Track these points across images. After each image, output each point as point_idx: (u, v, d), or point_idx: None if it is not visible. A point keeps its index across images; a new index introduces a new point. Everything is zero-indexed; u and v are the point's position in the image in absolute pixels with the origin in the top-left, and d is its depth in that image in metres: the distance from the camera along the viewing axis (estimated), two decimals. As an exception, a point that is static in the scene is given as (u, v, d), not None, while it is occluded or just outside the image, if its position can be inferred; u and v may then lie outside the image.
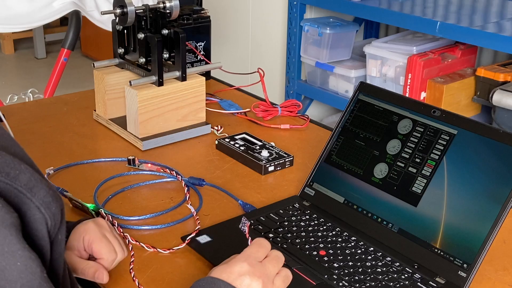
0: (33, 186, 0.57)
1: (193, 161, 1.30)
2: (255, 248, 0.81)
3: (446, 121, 0.99)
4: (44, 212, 0.57)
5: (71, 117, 1.49)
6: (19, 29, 2.25)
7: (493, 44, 2.01)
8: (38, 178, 0.58)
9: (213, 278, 0.75)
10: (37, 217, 0.57)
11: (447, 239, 0.93)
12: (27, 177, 0.57)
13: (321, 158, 1.13)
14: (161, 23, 1.33)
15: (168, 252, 0.98)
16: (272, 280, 0.79)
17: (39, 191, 0.57)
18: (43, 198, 0.57)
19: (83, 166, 1.25)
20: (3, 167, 0.56)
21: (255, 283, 0.76)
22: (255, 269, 0.77)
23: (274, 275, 0.80)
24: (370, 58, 2.39)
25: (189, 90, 1.37)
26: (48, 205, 0.58)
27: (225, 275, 0.76)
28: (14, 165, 0.57)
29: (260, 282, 0.76)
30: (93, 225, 0.90)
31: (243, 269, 0.76)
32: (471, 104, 2.25)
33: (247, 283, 0.75)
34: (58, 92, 2.50)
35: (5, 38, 4.71)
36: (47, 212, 0.57)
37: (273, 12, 2.76)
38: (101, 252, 0.88)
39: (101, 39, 4.35)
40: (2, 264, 0.53)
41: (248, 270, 0.76)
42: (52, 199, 0.58)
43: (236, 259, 0.78)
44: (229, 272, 0.76)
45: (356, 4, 2.34)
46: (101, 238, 0.88)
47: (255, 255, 0.79)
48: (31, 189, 0.57)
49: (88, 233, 0.88)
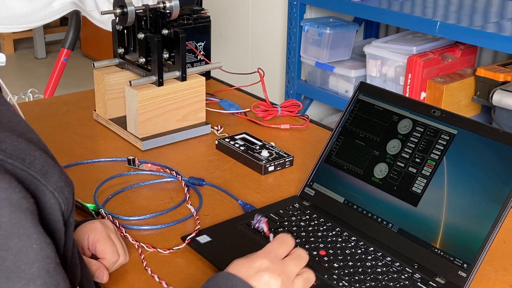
0: (47, 172, 0.58)
1: (193, 161, 1.30)
2: (277, 244, 0.79)
3: (446, 121, 0.99)
4: (58, 196, 0.59)
5: (71, 117, 1.49)
6: (19, 29, 2.25)
7: (493, 44, 2.01)
8: (51, 164, 0.59)
9: (230, 274, 0.74)
10: (52, 202, 0.58)
11: (447, 239, 0.93)
12: (41, 163, 0.58)
13: (321, 158, 1.13)
14: (161, 23, 1.33)
15: (168, 252, 0.98)
16: (293, 280, 0.76)
17: (52, 176, 0.59)
18: (57, 183, 0.59)
19: (83, 166, 1.25)
20: (19, 154, 0.57)
21: (273, 280, 0.74)
22: (275, 266, 0.75)
23: (294, 274, 0.77)
24: (370, 58, 2.39)
25: (189, 90, 1.37)
26: (61, 189, 0.59)
27: (244, 270, 0.74)
28: (29, 152, 0.58)
29: (279, 281, 0.74)
30: (100, 225, 0.90)
31: (263, 265, 0.75)
32: (471, 104, 2.25)
33: (265, 280, 0.74)
34: (58, 92, 2.50)
35: (5, 38, 4.71)
36: (61, 196, 0.59)
37: (273, 12, 2.76)
38: (104, 252, 0.88)
39: (101, 39, 4.36)
40: (18, 246, 0.54)
41: (267, 267, 0.74)
42: (65, 184, 0.60)
43: (257, 254, 0.77)
44: (248, 267, 0.75)
45: (356, 4, 2.34)
46: (106, 238, 0.88)
47: (276, 251, 0.77)
48: (45, 174, 0.58)
49: (94, 232, 0.88)
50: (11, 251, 0.54)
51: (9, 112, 0.63)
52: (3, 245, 0.54)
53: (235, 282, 0.73)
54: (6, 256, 0.54)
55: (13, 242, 0.54)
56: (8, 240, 0.54)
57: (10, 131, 0.59)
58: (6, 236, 0.54)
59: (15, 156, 0.56)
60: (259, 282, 0.74)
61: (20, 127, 0.61)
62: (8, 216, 0.54)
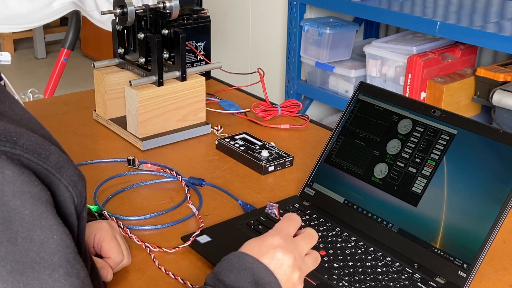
0: (62, 166, 0.59)
1: (193, 161, 1.30)
2: (286, 222, 0.80)
3: (446, 121, 0.99)
4: (71, 191, 0.60)
5: (71, 117, 1.49)
6: (19, 29, 2.25)
7: (493, 44, 2.01)
8: (65, 158, 0.60)
9: (242, 253, 0.75)
10: (66, 196, 0.60)
11: (447, 239, 0.93)
12: (56, 158, 0.59)
13: (321, 158, 1.13)
14: (161, 23, 1.33)
15: (169, 252, 0.98)
16: (303, 258, 0.78)
17: (67, 170, 0.60)
18: (71, 177, 0.60)
19: (83, 166, 1.25)
20: (35, 149, 0.58)
21: (286, 257, 0.75)
22: (287, 244, 0.76)
23: (305, 252, 0.79)
24: (370, 58, 2.39)
25: (189, 90, 1.37)
26: (75, 183, 0.60)
27: (256, 248, 0.75)
28: (44, 147, 0.59)
29: (292, 258, 0.75)
30: (106, 225, 0.91)
31: (275, 243, 0.76)
32: (471, 104, 2.25)
33: (278, 257, 0.75)
34: (58, 92, 2.50)
35: (5, 38, 4.71)
36: (75, 190, 0.60)
37: (273, 12, 2.76)
38: (109, 252, 0.88)
39: (101, 39, 4.36)
40: (41, 237, 0.55)
41: (280, 244, 0.76)
42: (78, 178, 0.61)
43: (268, 233, 0.78)
44: (261, 245, 0.76)
45: (356, 4, 2.34)
46: (112, 238, 0.89)
47: (287, 229, 0.79)
48: (60, 169, 0.59)
49: (100, 232, 0.89)
50: (34, 243, 0.55)
51: (19, 109, 0.64)
52: (27, 237, 0.55)
53: (247, 260, 0.74)
54: (30, 248, 0.55)
55: (36, 233, 0.55)
56: (32, 232, 0.55)
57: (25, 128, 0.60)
58: (29, 228, 0.55)
59: (31, 151, 0.57)
60: (272, 259, 0.75)
61: (32, 124, 0.62)
62: (30, 208, 0.55)
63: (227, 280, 0.73)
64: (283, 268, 0.75)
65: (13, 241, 0.54)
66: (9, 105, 0.63)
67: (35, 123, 0.64)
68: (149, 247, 0.98)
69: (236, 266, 0.74)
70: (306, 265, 0.78)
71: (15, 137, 0.57)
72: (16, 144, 0.56)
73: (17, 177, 0.55)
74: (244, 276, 0.73)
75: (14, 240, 0.54)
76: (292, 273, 0.75)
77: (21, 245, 0.55)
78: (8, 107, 0.63)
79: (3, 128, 0.57)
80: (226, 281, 0.73)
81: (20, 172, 0.55)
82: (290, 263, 0.75)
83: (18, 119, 0.62)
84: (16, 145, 0.56)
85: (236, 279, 0.73)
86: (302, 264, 0.77)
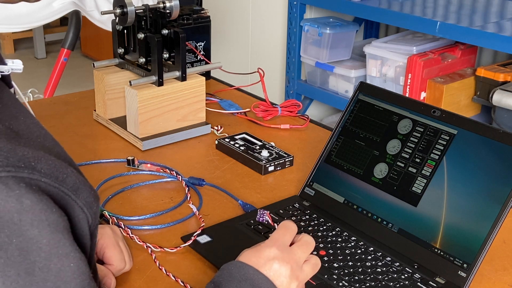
0: (78, 188, 0.59)
1: (193, 161, 1.30)
2: (282, 231, 0.79)
3: (446, 121, 0.99)
4: (86, 212, 0.59)
5: (71, 117, 1.49)
6: (19, 29, 2.25)
7: (493, 44, 2.01)
8: (82, 180, 0.60)
9: (242, 263, 0.74)
10: (80, 217, 0.59)
11: (447, 239, 0.93)
12: (73, 180, 0.58)
13: (321, 158, 1.13)
14: (161, 23, 1.33)
15: (170, 252, 0.98)
16: (301, 266, 0.77)
17: (83, 192, 0.59)
18: (86, 198, 0.59)
19: (83, 166, 1.25)
20: (53, 172, 0.57)
21: (283, 268, 0.75)
22: (283, 254, 0.76)
23: (303, 261, 0.78)
24: (370, 58, 2.39)
25: (189, 90, 1.37)
26: (90, 205, 0.60)
27: (254, 259, 0.75)
28: (62, 169, 0.58)
29: (289, 268, 0.75)
30: (110, 231, 0.91)
31: (271, 254, 0.75)
32: (471, 104, 2.25)
33: (275, 268, 0.74)
34: (58, 92, 2.50)
35: (5, 38, 4.71)
36: (89, 211, 0.59)
37: (273, 12, 2.76)
38: (112, 259, 0.88)
39: (101, 39, 4.36)
40: (57, 266, 0.55)
41: (276, 255, 0.75)
42: (94, 199, 0.60)
43: (264, 243, 0.77)
44: (258, 257, 0.75)
45: (356, 4, 2.34)
46: (115, 245, 0.89)
47: (282, 239, 0.78)
48: (76, 191, 0.58)
49: (103, 238, 0.89)
50: (51, 272, 0.54)
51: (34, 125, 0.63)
52: (44, 267, 0.54)
53: (247, 270, 0.74)
54: (48, 278, 0.54)
55: (53, 262, 0.55)
56: (49, 262, 0.54)
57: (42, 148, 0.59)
58: (46, 258, 0.54)
59: (49, 175, 0.56)
60: (270, 271, 0.74)
61: (47, 142, 0.62)
62: (48, 237, 0.54)
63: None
64: (281, 279, 0.74)
65: (31, 271, 0.53)
66: (23, 121, 0.62)
67: (51, 140, 0.62)
68: (151, 247, 0.98)
69: (236, 276, 0.73)
70: (304, 273, 0.78)
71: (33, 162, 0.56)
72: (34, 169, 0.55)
73: (35, 206, 0.54)
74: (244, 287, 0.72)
75: (31, 271, 0.53)
76: (290, 284, 0.75)
77: (38, 275, 0.54)
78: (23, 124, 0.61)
79: (21, 154, 0.55)
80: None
81: (38, 200, 0.54)
82: (288, 273, 0.75)
83: (34, 137, 0.61)
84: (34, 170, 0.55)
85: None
86: (299, 273, 0.77)
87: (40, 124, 0.64)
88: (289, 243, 0.79)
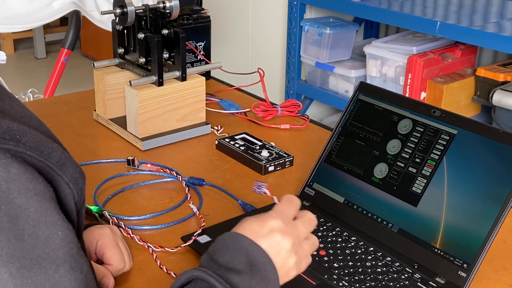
0: (64, 164, 0.60)
1: (193, 161, 1.30)
2: (287, 204, 0.78)
3: (446, 121, 0.99)
4: (72, 188, 0.61)
5: (71, 117, 1.49)
6: (19, 29, 2.25)
7: (493, 44, 2.01)
8: (67, 156, 0.61)
9: (237, 234, 0.73)
10: (66, 193, 0.60)
11: (447, 239, 0.93)
12: (58, 155, 0.60)
13: (321, 158, 1.13)
14: (161, 23, 1.33)
15: (171, 252, 0.98)
16: (302, 242, 0.77)
17: (68, 168, 0.60)
18: (72, 174, 0.61)
19: (83, 166, 1.25)
20: (38, 146, 0.59)
21: (285, 241, 0.73)
22: (287, 227, 0.75)
23: (304, 237, 0.77)
24: (370, 58, 2.39)
25: (189, 90, 1.37)
26: (76, 180, 0.61)
27: (255, 229, 0.73)
28: (47, 144, 0.60)
29: (291, 242, 0.74)
30: (109, 231, 0.91)
31: (276, 225, 0.74)
32: (471, 104, 2.25)
33: (277, 240, 0.73)
34: (58, 92, 2.50)
35: (5, 38, 4.71)
36: (75, 187, 0.61)
37: (273, 12, 2.76)
38: (111, 260, 0.88)
39: (101, 39, 4.36)
40: (45, 233, 0.56)
41: (280, 227, 0.74)
42: (79, 175, 0.62)
43: (269, 214, 0.76)
44: (262, 226, 0.74)
45: (356, 4, 2.34)
46: (114, 246, 0.89)
47: (287, 212, 0.77)
48: (62, 166, 0.60)
49: (103, 238, 0.89)
50: (40, 239, 0.56)
51: (19, 107, 0.64)
52: (33, 234, 0.56)
53: (241, 240, 0.72)
54: (36, 244, 0.56)
55: (41, 230, 0.56)
56: (37, 229, 0.56)
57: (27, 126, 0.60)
58: (34, 225, 0.56)
59: (34, 149, 0.58)
60: (271, 242, 0.73)
61: (32, 122, 0.63)
62: (35, 205, 0.56)
63: (221, 260, 0.71)
64: (281, 252, 0.73)
65: (20, 238, 0.55)
66: (9, 103, 0.63)
67: (36, 121, 0.64)
68: (151, 247, 0.98)
69: (230, 246, 0.73)
70: (303, 250, 0.77)
71: (18, 135, 0.57)
72: (19, 142, 0.57)
73: (22, 175, 0.56)
74: (238, 257, 0.71)
75: (20, 237, 0.55)
76: (289, 258, 0.74)
77: (27, 242, 0.55)
78: (8, 105, 0.63)
79: (6, 127, 0.57)
80: (220, 261, 0.71)
81: (24, 169, 0.56)
82: (289, 247, 0.74)
83: (19, 117, 0.62)
84: (19, 143, 0.57)
85: (230, 260, 0.71)
86: (299, 249, 0.76)
87: (26, 107, 0.65)
88: (293, 217, 0.77)
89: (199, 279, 0.70)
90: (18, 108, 0.64)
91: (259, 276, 0.71)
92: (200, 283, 0.70)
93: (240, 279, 0.70)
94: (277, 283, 0.72)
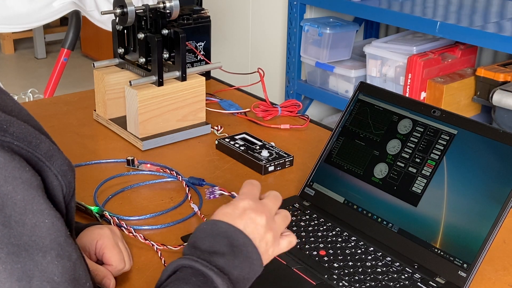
0: (52, 155, 0.61)
1: (193, 161, 1.30)
2: (249, 186, 0.82)
3: (446, 121, 0.99)
4: (61, 179, 0.61)
5: (71, 117, 1.49)
6: (19, 29, 2.25)
7: (493, 44, 2.01)
8: (55, 148, 0.62)
9: (214, 220, 0.76)
10: (54, 184, 0.61)
11: (447, 239, 0.94)
12: (46, 147, 0.61)
13: (321, 158, 1.13)
14: (161, 23, 1.33)
15: (174, 250, 0.97)
16: (274, 217, 0.79)
17: (56, 160, 0.61)
18: (61, 166, 0.61)
19: (83, 166, 1.25)
20: (26, 137, 0.59)
21: (259, 217, 0.76)
22: (257, 205, 0.78)
23: (274, 212, 0.80)
24: (370, 58, 2.39)
25: (189, 90, 1.37)
26: (64, 173, 0.62)
27: (230, 211, 0.76)
28: (35, 135, 0.60)
29: (264, 217, 0.77)
30: (109, 231, 0.91)
31: (246, 205, 0.77)
32: (471, 104, 2.25)
33: (252, 217, 0.76)
34: (58, 92, 2.50)
35: (5, 38, 4.71)
36: (64, 180, 0.62)
37: (273, 12, 2.76)
38: (111, 260, 0.88)
39: (101, 39, 4.36)
40: (32, 221, 0.57)
41: (251, 205, 0.77)
42: (68, 168, 0.62)
43: (237, 198, 0.79)
44: (234, 208, 0.77)
45: (356, 4, 2.34)
46: (114, 246, 0.89)
47: (252, 192, 0.80)
48: (50, 157, 0.61)
49: (102, 239, 0.89)
50: (26, 227, 0.57)
51: (10, 100, 0.65)
52: (19, 221, 0.57)
53: (220, 225, 0.75)
54: (23, 231, 0.57)
55: (28, 217, 0.57)
56: (24, 216, 0.57)
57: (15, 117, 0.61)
58: (21, 213, 0.57)
59: (22, 139, 0.59)
60: (247, 221, 0.76)
61: (22, 115, 0.64)
62: (22, 193, 0.57)
63: (203, 247, 0.74)
64: (258, 228, 0.76)
65: (7, 224, 0.56)
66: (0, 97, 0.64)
67: (26, 115, 0.65)
68: (155, 245, 0.97)
69: (209, 233, 0.75)
70: (277, 225, 0.79)
71: (5, 125, 0.58)
72: (6, 132, 0.58)
73: (8, 163, 0.56)
74: (219, 241, 0.74)
75: (8, 224, 0.56)
76: (266, 233, 0.76)
77: (14, 228, 0.56)
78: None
79: None
80: (202, 248, 0.74)
81: (11, 158, 0.57)
82: (263, 223, 0.76)
83: (9, 110, 0.63)
84: (6, 133, 0.58)
85: (212, 244, 0.74)
86: (273, 224, 0.78)
87: (16, 101, 0.66)
88: (258, 196, 0.81)
89: (184, 266, 0.72)
90: (8, 101, 0.64)
91: (241, 256, 0.73)
92: (186, 270, 0.72)
93: (224, 261, 0.72)
94: (259, 260, 0.75)
